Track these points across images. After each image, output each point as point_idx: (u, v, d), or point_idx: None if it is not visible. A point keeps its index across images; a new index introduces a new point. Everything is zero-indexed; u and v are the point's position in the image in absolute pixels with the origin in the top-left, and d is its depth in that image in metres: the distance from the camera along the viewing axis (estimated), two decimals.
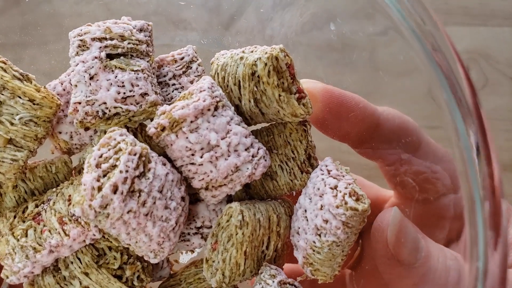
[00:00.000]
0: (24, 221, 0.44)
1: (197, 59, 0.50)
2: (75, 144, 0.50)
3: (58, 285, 0.43)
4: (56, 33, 0.52)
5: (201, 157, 0.43)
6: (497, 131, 0.58)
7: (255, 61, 0.44)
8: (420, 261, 0.44)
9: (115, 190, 0.38)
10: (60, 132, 0.49)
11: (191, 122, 0.42)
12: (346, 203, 0.41)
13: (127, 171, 0.39)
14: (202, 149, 0.43)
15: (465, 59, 0.54)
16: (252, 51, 0.45)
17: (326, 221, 0.42)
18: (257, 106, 0.46)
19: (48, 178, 0.48)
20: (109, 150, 0.39)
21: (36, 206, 0.45)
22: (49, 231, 0.42)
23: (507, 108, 0.58)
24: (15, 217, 0.45)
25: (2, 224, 0.44)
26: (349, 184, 0.43)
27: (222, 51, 0.49)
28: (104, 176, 0.38)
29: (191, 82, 0.49)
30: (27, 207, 0.45)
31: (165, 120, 0.42)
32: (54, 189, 0.46)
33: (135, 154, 0.39)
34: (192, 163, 0.43)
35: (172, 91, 0.49)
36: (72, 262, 0.43)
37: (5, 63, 0.44)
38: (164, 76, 0.49)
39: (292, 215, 0.48)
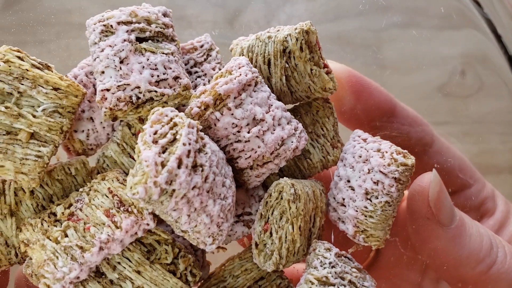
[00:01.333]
0: (56, 225, 0.38)
1: (215, 47, 0.49)
2: (91, 145, 0.46)
3: None
4: (57, 31, 0.48)
5: (249, 132, 0.42)
6: (493, 134, 0.59)
7: (285, 38, 0.44)
8: (456, 223, 0.46)
9: (179, 164, 0.35)
10: (76, 131, 0.45)
11: (235, 98, 0.41)
12: (396, 160, 0.42)
13: (189, 144, 0.36)
14: (248, 124, 0.42)
15: (461, 63, 0.56)
16: (278, 30, 0.46)
17: (377, 183, 0.43)
18: (288, 84, 0.46)
19: (67, 182, 0.43)
20: (162, 126, 0.37)
21: (65, 208, 0.40)
22: (95, 226, 0.37)
23: (503, 111, 0.59)
24: (42, 223, 0.39)
25: (29, 232, 0.38)
26: (391, 146, 0.44)
27: (240, 37, 0.49)
28: (164, 152, 0.36)
29: (213, 69, 0.48)
30: (52, 213, 0.40)
31: (209, 98, 0.41)
32: (81, 189, 0.41)
33: (193, 127, 0.37)
34: (239, 141, 0.42)
35: (195, 79, 0.47)
36: (119, 263, 0.38)
37: (20, 52, 0.40)
38: (186, 64, 0.48)
39: (328, 192, 0.48)
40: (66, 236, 0.37)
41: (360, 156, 0.45)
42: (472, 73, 0.56)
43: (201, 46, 0.48)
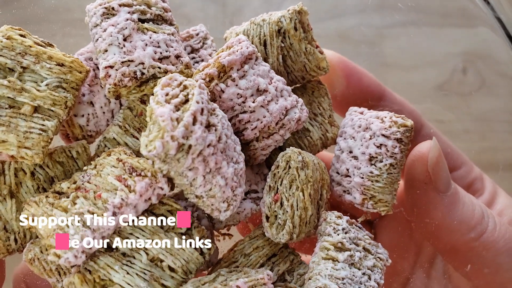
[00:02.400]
0: (61, 198, 0.37)
1: (210, 36, 0.51)
2: (90, 131, 0.45)
3: (119, 263, 0.36)
4: (56, 29, 0.48)
5: (254, 102, 0.42)
6: (493, 132, 0.60)
7: (280, 18, 0.47)
8: (451, 191, 0.48)
9: (194, 120, 0.35)
10: (76, 115, 0.44)
11: (238, 69, 0.42)
12: (396, 123, 0.44)
13: (202, 102, 0.36)
14: (252, 95, 0.43)
15: (462, 61, 0.57)
16: (271, 14, 0.48)
17: (380, 146, 0.44)
18: (284, 63, 0.48)
19: (68, 165, 0.41)
20: (173, 89, 0.37)
21: (70, 183, 0.38)
22: (107, 192, 0.36)
23: (503, 109, 0.59)
24: (47, 198, 0.37)
25: (33, 208, 0.36)
26: (388, 112, 0.46)
27: (233, 26, 0.51)
28: (177, 110, 0.36)
29: (210, 55, 0.49)
30: (56, 191, 0.38)
31: (213, 69, 0.42)
32: (85, 167, 0.40)
33: (203, 89, 0.38)
34: (244, 111, 0.42)
35: (193, 64, 0.48)
36: (131, 234, 0.37)
37: (22, 30, 0.40)
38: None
39: (330, 169, 0.49)
40: (76, 204, 0.35)
41: (360, 126, 0.46)
42: (473, 71, 0.57)
43: (197, 34, 0.50)
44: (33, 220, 0.36)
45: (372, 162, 0.45)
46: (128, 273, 0.36)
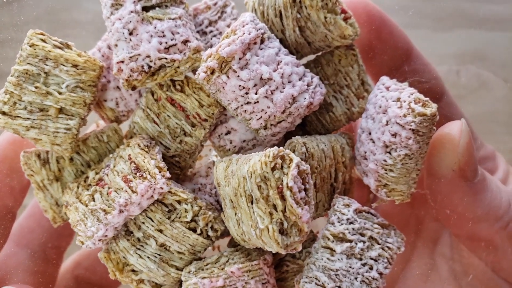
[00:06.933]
0: (88, 189, 0.43)
1: (230, 3, 0.48)
2: (122, 112, 0.49)
3: (134, 247, 0.42)
4: (56, 29, 0.50)
5: (256, 93, 0.41)
6: (490, 134, 0.59)
7: None
8: (479, 177, 0.43)
9: None
10: (105, 100, 0.48)
11: (240, 59, 0.41)
12: (413, 110, 0.39)
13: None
14: (255, 85, 0.41)
15: (458, 62, 0.55)
16: None
17: (395, 135, 0.40)
18: (303, 35, 0.44)
19: (101, 148, 0.47)
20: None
21: (96, 173, 0.44)
22: (116, 191, 0.41)
23: (500, 111, 0.59)
24: (78, 187, 0.44)
25: (68, 195, 0.44)
26: (412, 94, 0.41)
27: None
28: None
29: (228, 26, 0.47)
30: (87, 177, 0.45)
31: (213, 62, 0.41)
32: (110, 155, 0.45)
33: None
34: (248, 102, 0.42)
35: (211, 38, 0.47)
36: (143, 223, 0.42)
37: (43, 34, 0.43)
38: (200, 25, 0.48)
39: (355, 145, 0.47)
40: (93, 200, 0.42)
41: (380, 107, 0.42)
42: (468, 72, 0.55)
43: (215, 4, 0.48)
44: (66, 207, 0.43)
45: (387, 149, 0.42)
46: (140, 256, 0.42)
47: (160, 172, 0.41)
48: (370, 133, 0.43)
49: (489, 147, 0.51)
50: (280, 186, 0.37)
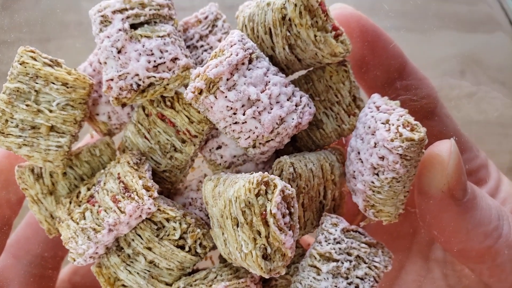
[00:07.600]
0: (79, 205, 0.44)
1: (222, 16, 0.48)
2: (114, 125, 0.49)
3: (124, 263, 0.43)
4: (55, 31, 0.50)
5: (244, 114, 0.41)
6: (488, 136, 0.59)
7: (284, 4, 0.41)
8: (468, 196, 0.43)
9: None
10: (97, 114, 0.48)
11: (227, 79, 0.41)
12: (401, 135, 0.39)
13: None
14: (243, 106, 0.41)
15: (456, 64, 0.55)
16: None
17: (382, 158, 0.40)
18: (293, 52, 0.43)
19: (94, 162, 0.48)
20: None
21: (88, 189, 0.45)
22: (105, 210, 0.42)
23: (500, 112, 0.58)
24: (70, 202, 0.45)
25: (61, 211, 0.45)
26: (401, 116, 0.40)
27: (246, 1, 0.47)
28: None
29: (219, 41, 0.47)
30: (80, 192, 0.45)
31: (201, 83, 0.41)
32: (102, 171, 0.46)
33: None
34: (236, 122, 0.42)
35: (202, 53, 0.47)
36: (133, 240, 0.43)
37: (34, 52, 0.43)
38: (191, 39, 0.47)
39: (345, 162, 0.46)
40: (84, 218, 0.43)
41: (369, 127, 0.42)
42: (468, 74, 0.55)
43: (205, 18, 0.47)
44: (59, 223, 0.44)
45: (375, 171, 0.41)
46: (130, 272, 0.43)
47: (148, 191, 0.42)
48: (359, 153, 0.43)
49: (482, 155, 0.51)
50: (264, 212, 0.37)
